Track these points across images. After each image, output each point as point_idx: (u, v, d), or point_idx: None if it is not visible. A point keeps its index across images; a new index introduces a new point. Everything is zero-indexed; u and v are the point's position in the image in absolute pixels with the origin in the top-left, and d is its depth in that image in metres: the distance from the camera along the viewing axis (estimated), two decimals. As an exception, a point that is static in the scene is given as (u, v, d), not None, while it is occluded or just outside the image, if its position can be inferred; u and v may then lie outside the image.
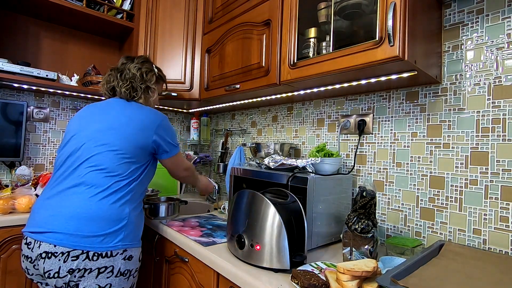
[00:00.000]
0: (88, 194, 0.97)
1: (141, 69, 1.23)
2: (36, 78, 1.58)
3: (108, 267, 0.95)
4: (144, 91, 1.22)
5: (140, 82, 1.21)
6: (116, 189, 1.01)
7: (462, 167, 0.98)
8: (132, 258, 1.01)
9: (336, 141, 1.38)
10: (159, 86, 1.34)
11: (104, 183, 1.00)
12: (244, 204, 0.93)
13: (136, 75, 1.21)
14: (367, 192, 0.88)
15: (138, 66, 1.23)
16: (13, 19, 1.75)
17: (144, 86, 1.22)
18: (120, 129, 1.07)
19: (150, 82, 1.24)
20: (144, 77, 1.22)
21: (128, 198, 1.03)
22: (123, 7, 1.86)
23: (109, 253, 0.95)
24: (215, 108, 1.96)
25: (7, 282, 1.29)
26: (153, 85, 1.26)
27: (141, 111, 1.14)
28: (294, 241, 0.84)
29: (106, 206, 0.98)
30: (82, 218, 0.94)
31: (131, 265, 1.01)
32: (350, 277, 0.68)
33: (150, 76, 1.24)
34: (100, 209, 0.96)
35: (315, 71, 1.05)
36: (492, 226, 0.91)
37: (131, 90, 1.19)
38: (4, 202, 1.33)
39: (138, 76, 1.21)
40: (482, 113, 0.95)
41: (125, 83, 1.19)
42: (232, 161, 1.69)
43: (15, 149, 1.66)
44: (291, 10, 1.16)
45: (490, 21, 0.94)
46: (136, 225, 1.05)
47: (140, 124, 1.10)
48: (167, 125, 1.16)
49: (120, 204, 1.01)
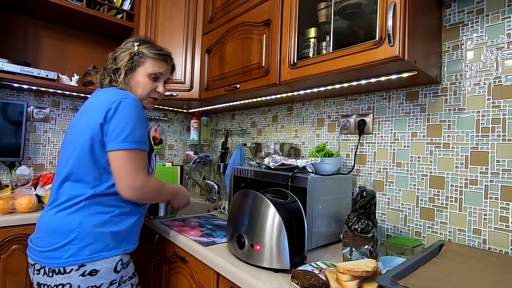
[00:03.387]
0: (51, 206, 0.93)
1: (117, 51, 1.08)
2: (36, 78, 1.58)
3: (64, 284, 0.85)
4: (114, 74, 1.05)
5: (110, 65, 1.06)
6: (76, 198, 0.90)
7: (462, 167, 0.98)
8: (96, 272, 0.88)
9: (336, 141, 1.38)
10: (144, 65, 1.07)
11: (67, 193, 0.91)
12: (244, 204, 0.93)
13: (110, 60, 1.08)
14: (367, 192, 0.88)
15: (117, 49, 1.10)
16: (13, 19, 1.75)
17: (113, 68, 1.05)
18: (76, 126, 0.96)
19: (121, 62, 1.04)
20: (117, 59, 1.06)
21: (82, 206, 0.89)
22: (123, 7, 1.86)
23: (62, 269, 0.86)
24: (215, 108, 1.96)
25: (7, 282, 1.29)
26: (126, 65, 1.04)
27: (98, 96, 0.99)
28: (294, 241, 0.84)
29: (60, 217, 0.89)
30: (41, 231, 0.91)
31: (96, 281, 0.88)
32: (350, 277, 0.68)
33: (123, 56, 1.05)
34: (54, 221, 0.89)
35: (315, 71, 1.05)
36: (492, 226, 0.91)
37: (104, 76, 1.07)
38: (4, 202, 1.33)
39: (111, 60, 1.08)
40: (482, 113, 0.95)
41: (101, 72, 1.09)
42: (232, 161, 1.69)
43: (15, 149, 1.66)
44: (291, 10, 1.16)
45: (490, 21, 0.94)
46: (98, 235, 0.90)
47: (91, 111, 0.94)
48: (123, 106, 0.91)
49: (69, 213, 0.89)
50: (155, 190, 0.97)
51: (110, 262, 0.91)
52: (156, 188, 0.98)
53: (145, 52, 1.06)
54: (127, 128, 0.89)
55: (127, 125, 0.90)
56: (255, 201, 0.90)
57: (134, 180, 0.89)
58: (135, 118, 0.92)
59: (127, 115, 0.91)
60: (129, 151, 0.89)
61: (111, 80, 1.05)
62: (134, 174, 0.90)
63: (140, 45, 1.07)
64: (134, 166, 0.90)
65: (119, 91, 0.98)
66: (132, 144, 0.90)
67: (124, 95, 0.94)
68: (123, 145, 0.89)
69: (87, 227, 0.89)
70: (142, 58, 1.06)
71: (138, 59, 1.06)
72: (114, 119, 0.89)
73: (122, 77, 1.04)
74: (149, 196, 0.97)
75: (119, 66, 1.04)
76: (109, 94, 0.95)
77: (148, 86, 1.08)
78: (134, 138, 0.90)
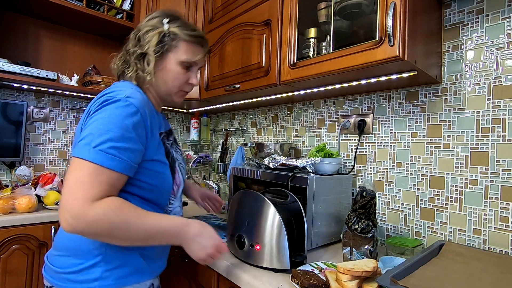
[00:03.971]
0: None
1: (140, 29, 0.83)
2: (36, 78, 1.58)
3: None
4: (136, 62, 0.81)
5: (133, 49, 0.82)
6: None
7: (462, 167, 0.98)
8: None
9: (336, 141, 1.38)
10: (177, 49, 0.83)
11: None
12: (244, 204, 0.93)
13: (132, 40, 0.84)
14: (367, 192, 0.88)
15: (139, 26, 0.85)
16: (13, 19, 1.75)
17: (137, 53, 0.81)
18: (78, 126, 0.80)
19: (148, 46, 0.80)
20: (141, 40, 0.82)
21: None
22: (123, 7, 1.86)
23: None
24: (215, 108, 1.96)
25: (7, 282, 1.29)
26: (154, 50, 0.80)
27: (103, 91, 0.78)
28: (294, 241, 0.84)
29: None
30: (61, 248, 0.76)
31: None
32: (350, 277, 0.68)
33: (149, 37, 0.81)
34: (76, 236, 0.69)
35: (315, 71, 1.05)
36: (492, 226, 0.91)
37: (123, 64, 0.85)
38: (4, 202, 1.33)
39: (133, 41, 0.84)
40: (482, 113, 0.95)
41: (120, 56, 0.87)
42: (234, 161, 1.69)
43: (15, 149, 1.66)
44: (291, 10, 1.16)
45: (490, 21, 0.94)
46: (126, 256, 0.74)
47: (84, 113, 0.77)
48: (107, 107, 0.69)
49: None
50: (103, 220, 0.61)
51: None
52: (108, 220, 0.62)
53: (178, 33, 0.82)
54: (94, 131, 0.65)
55: (97, 127, 0.66)
56: (255, 201, 0.90)
57: (68, 200, 0.60)
58: (107, 120, 0.67)
59: (99, 116, 0.68)
60: (78, 160, 0.63)
61: (136, 69, 0.81)
62: (71, 191, 0.61)
63: (171, 22, 0.83)
64: (74, 180, 0.62)
65: (120, 86, 0.77)
66: (82, 150, 0.64)
67: (120, 92, 0.72)
68: (76, 150, 0.65)
69: (114, 247, 0.72)
70: (174, 40, 0.82)
71: (169, 42, 0.82)
72: (88, 121, 0.69)
73: (152, 65, 0.80)
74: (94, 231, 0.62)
75: (146, 50, 0.80)
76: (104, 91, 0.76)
77: (180, 76, 0.85)
78: (88, 142, 0.64)
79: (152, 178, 0.77)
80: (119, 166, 0.66)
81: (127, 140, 0.68)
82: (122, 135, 0.67)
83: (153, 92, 0.87)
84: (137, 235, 0.66)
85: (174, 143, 0.93)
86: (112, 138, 0.65)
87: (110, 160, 0.64)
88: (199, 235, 0.74)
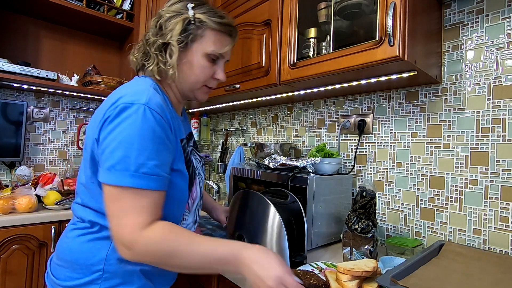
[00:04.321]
0: (75, 226, 0.72)
1: (162, 15, 0.73)
2: (36, 78, 1.58)
3: None
4: (158, 53, 0.71)
5: (154, 39, 0.72)
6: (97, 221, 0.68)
7: (462, 167, 0.98)
8: None
9: (336, 141, 1.38)
10: (203, 39, 0.73)
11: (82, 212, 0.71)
12: (244, 204, 0.93)
13: (152, 28, 0.73)
14: (367, 192, 0.88)
15: (161, 12, 0.74)
16: (13, 19, 1.75)
17: (158, 43, 0.71)
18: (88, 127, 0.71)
19: (171, 35, 0.70)
20: (163, 28, 0.71)
21: (107, 235, 0.66)
22: (123, 7, 1.86)
23: None
24: (215, 108, 1.96)
25: (7, 282, 1.29)
26: (177, 39, 0.70)
27: (120, 88, 0.70)
28: (294, 241, 0.84)
29: (82, 244, 0.68)
30: (61, 258, 0.71)
31: None
32: (350, 277, 0.68)
33: (172, 25, 0.70)
34: (75, 247, 0.68)
35: (315, 71, 1.05)
36: (492, 226, 0.91)
37: (143, 56, 0.75)
38: (4, 202, 1.33)
39: (154, 29, 0.73)
40: (482, 113, 0.95)
41: (139, 46, 0.77)
42: (232, 161, 1.69)
43: (15, 149, 1.66)
44: (291, 10, 1.16)
45: (490, 21, 0.94)
46: (128, 274, 0.68)
47: (98, 111, 0.68)
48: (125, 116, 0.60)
49: (92, 239, 0.68)
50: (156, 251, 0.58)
51: None
52: (159, 249, 0.58)
53: (205, 20, 0.72)
54: (118, 151, 0.59)
55: (119, 146, 0.59)
56: (255, 201, 0.90)
57: (118, 232, 0.59)
58: (138, 136, 0.60)
59: (125, 131, 0.60)
60: (113, 188, 0.59)
61: (157, 62, 0.71)
62: (118, 221, 0.59)
63: (197, 8, 0.72)
64: (118, 209, 0.59)
65: (138, 86, 0.67)
66: (121, 176, 0.58)
67: (138, 97, 0.63)
68: (108, 176, 0.59)
69: (114, 264, 0.67)
70: (200, 29, 0.72)
71: (194, 30, 0.72)
72: (108, 134, 0.61)
73: (175, 58, 0.70)
74: (148, 260, 0.60)
75: (168, 39, 0.70)
76: (119, 91, 0.67)
77: (206, 70, 0.76)
78: (126, 166, 0.58)
79: (168, 190, 0.67)
80: (160, 185, 0.62)
81: (162, 153, 0.63)
82: (158, 150, 0.62)
83: (174, 89, 0.78)
84: (192, 263, 0.60)
85: (194, 149, 0.85)
86: (150, 156, 0.60)
87: (152, 181, 0.60)
88: (257, 262, 0.59)
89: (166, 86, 0.77)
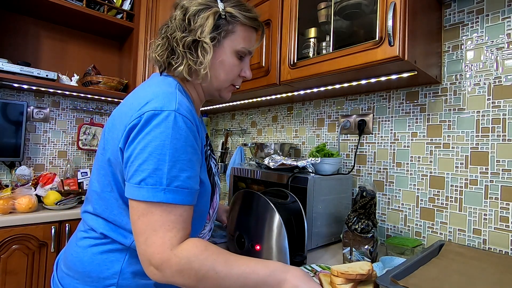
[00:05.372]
0: (87, 235, 0.67)
1: (188, 8, 0.66)
2: (36, 78, 1.58)
3: None
4: (188, 51, 0.65)
5: (182, 35, 0.65)
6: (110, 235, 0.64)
7: (462, 167, 0.98)
8: None
9: (336, 141, 1.38)
10: (233, 35, 0.69)
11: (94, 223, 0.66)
12: (244, 204, 0.93)
13: (178, 23, 0.66)
14: (367, 192, 0.88)
15: (185, 3, 0.67)
16: (13, 19, 1.75)
17: (188, 41, 0.65)
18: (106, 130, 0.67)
19: (202, 29, 0.64)
20: (192, 23, 0.65)
21: (121, 247, 0.63)
22: (123, 7, 1.86)
23: None
24: (215, 108, 1.96)
25: (7, 282, 1.29)
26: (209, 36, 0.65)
27: (142, 90, 0.65)
28: (294, 241, 0.84)
29: (94, 255, 0.64)
30: (71, 268, 0.67)
31: None
32: (344, 280, 0.67)
33: (202, 19, 0.64)
34: (86, 259, 0.64)
35: (315, 71, 1.05)
36: (492, 226, 0.91)
37: (167, 53, 0.68)
38: (4, 202, 1.33)
39: (180, 24, 0.66)
40: (482, 113, 0.95)
41: (162, 42, 0.69)
42: (232, 161, 1.69)
43: (15, 149, 1.66)
44: (291, 10, 1.16)
45: (490, 21, 0.94)
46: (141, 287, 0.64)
47: (120, 115, 0.63)
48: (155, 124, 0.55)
49: (106, 251, 0.64)
50: (190, 270, 0.53)
51: None
52: (193, 269, 0.53)
53: (236, 15, 0.67)
54: (149, 164, 0.54)
55: (150, 157, 0.54)
56: (255, 201, 0.90)
57: (146, 250, 0.53)
58: (170, 147, 0.55)
59: (155, 141, 0.55)
60: (144, 204, 0.54)
61: (188, 63, 0.65)
62: (146, 239, 0.54)
63: (225, 0, 0.68)
64: (147, 226, 0.54)
65: (164, 89, 0.61)
66: (152, 191, 0.54)
67: (167, 102, 0.57)
68: (138, 192, 0.54)
69: (128, 278, 0.63)
70: (231, 24, 0.68)
71: (225, 26, 0.67)
72: (135, 144, 0.56)
73: (209, 57, 0.65)
74: (180, 282, 0.54)
75: (199, 36, 0.64)
76: (145, 93, 0.61)
77: (235, 69, 0.72)
78: (158, 181, 0.54)
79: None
80: (192, 199, 0.57)
81: (194, 164, 0.59)
82: (190, 160, 0.57)
83: (199, 89, 0.73)
84: (228, 285, 0.55)
85: (211, 152, 0.79)
86: (182, 168, 0.56)
87: (185, 195, 0.56)
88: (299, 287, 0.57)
89: (190, 86, 0.72)
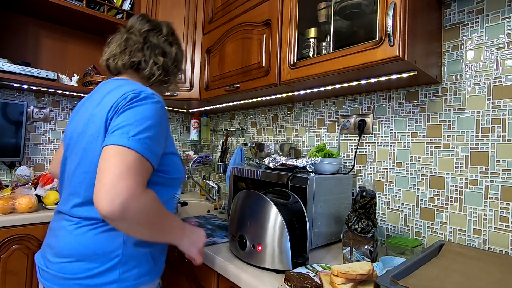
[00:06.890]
0: (79, 225, 0.73)
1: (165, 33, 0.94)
2: (36, 78, 1.58)
3: None
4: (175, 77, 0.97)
5: (173, 64, 0.94)
6: None
7: (462, 167, 0.98)
8: None
9: (336, 141, 1.38)
10: None
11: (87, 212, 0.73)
12: (246, 205, 0.93)
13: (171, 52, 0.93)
14: (367, 192, 0.88)
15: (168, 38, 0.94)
16: (13, 19, 1.75)
17: (171, 66, 0.93)
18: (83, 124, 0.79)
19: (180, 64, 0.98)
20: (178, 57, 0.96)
21: None
22: (123, 7, 1.86)
23: None
24: (215, 108, 1.96)
25: (7, 282, 1.29)
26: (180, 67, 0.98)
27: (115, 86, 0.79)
28: (296, 242, 0.84)
29: (98, 236, 0.72)
30: (71, 255, 0.72)
31: None
32: (345, 280, 0.67)
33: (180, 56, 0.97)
34: (90, 241, 0.71)
35: (315, 71, 1.05)
36: (492, 226, 0.91)
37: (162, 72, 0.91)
38: (4, 202, 1.33)
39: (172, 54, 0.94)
40: (482, 113, 0.95)
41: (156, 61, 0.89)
42: (232, 161, 1.69)
43: (15, 149, 1.66)
44: (291, 10, 1.16)
45: (490, 21, 0.94)
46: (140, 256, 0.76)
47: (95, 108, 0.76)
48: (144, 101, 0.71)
49: (107, 229, 0.72)
50: (149, 208, 0.64)
51: (151, 287, 0.79)
52: (152, 208, 0.65)
53: None
54: (141, 124, 0.67)
55: (143, 121, 0.67)
56: (257, 202, 0.90)
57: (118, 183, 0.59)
58: (150, 117, 0.69)
59: (146, 112, 0.70)
60: (119, 148, 0.62)
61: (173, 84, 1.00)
62: (124, 177, 0.60)
63: None
64: (121, 166, 0.61)
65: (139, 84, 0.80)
66: (126, 139, 0.63)
67: (147, 90, 0.75)
68: (114, 138, 0.64)
69: (130, 247, 0.73)
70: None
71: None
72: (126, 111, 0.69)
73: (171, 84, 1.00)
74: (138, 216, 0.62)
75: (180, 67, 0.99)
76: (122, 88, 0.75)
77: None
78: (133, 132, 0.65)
79: (175, 171, 0.81)
80: (153, 159, 0.68)
81: (159, 133, 0.71)
82: (156, 128, 0.70)
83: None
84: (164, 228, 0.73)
85: None
86: (149, 128, 0.68)
87: (147, 151, 0.66)
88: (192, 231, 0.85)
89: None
